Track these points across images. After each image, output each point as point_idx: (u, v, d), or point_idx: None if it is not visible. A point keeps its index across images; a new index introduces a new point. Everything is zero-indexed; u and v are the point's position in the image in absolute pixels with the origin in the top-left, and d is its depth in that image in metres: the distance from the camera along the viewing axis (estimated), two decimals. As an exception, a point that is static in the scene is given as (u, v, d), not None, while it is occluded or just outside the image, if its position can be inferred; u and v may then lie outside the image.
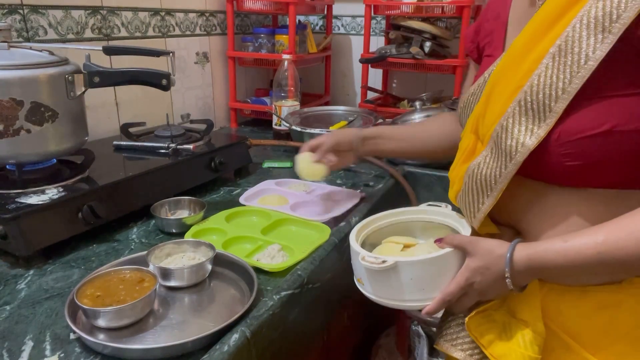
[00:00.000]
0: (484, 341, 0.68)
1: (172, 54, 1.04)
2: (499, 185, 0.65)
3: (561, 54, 0.58)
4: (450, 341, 0.74)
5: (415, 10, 1.63)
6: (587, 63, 0.56)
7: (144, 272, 0.73)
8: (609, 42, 0.55)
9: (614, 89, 0.57)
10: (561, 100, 0.58)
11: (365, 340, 1.36)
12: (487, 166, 0.67)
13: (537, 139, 0.60)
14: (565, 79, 0.58)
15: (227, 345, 0.62)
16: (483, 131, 0.69)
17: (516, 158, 0.62)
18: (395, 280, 0.69)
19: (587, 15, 0.57)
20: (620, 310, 0.62)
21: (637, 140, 0.57)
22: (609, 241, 0.55)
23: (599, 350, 0.63)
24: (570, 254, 0.58)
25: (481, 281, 0.65)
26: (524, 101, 0.61)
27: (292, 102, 1.61)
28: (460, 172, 0.74)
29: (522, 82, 0.62)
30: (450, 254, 0.68)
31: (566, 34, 0.58)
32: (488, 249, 0.65)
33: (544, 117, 0.60)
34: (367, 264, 0.69)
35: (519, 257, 0.62)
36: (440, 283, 0.68)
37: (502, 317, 0.68)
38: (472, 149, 0.73)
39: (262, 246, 0.89)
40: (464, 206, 0.73)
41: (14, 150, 0.89)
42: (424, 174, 1.36)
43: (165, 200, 1.01)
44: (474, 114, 0.72)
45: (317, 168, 0.99)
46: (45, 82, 0.88)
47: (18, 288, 0.76)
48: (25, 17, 1.14)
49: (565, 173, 0.61)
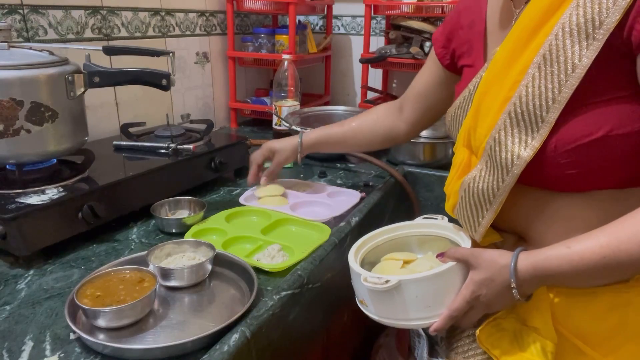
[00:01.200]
0: (496, 352, 0.67)
1: (172, 54, 1.04)
2: (498, 198, 0.65)
3: (547, 64, 0.58)
4: (462, 354, 0.73)
5: (415, 10, 1.63)
6: (575, 71, 0.56)
7: (144, 272, 0.73)
8: (594, 48, 0.55)
9: (604, 94, 0.57)
10: (552, 110, 0.58)
11: (365, 340, 1.36)
12: (483, 180, 0.67)
13: (532, 150, 0.60)
14: (555, 88, 0.58)
15: (227, 345, 0.62)
16: (476, 144, 0.68)
17: (513, 171, 0.62)
18: (399, 300, 0.67)
19: (568, 22, 0.56)
20: (630, 309, 0.62)
21: (632, 142, 0.57)
22: (612, 244, 0.55)
23: (610, 351, 0.63)
24: (574, 259, 0.57)
25: (487, 293, 0.64)
26: (514, 112, 0.61)
27: (292, 102, 1.60)
28: (456, 186, 0.73)
29: (510, 94, 0.62)
30: (454, 268, 0.67)
31: (549, 43, 0.58)
32: (491, 260, 0.64)
33: (536, 127, 0.59)
34: (370, 285, 0.67)
35: (523, 265, 0.61)
36: (445, 298, 0.67)
37: (512, 325, 0.67)
38: (467, 163, 0.72)
39: (262, 246, 0.89)
40: (464, 220, 0.72)
41: (14, 150, 0.88)
42: (424, 174, 1.36)
43: (165, 200, 1.01)
44: (464, 127, 0.71)
45: (276, 190, 1.09)
46: (45, 82, 0.88)
47: (18, 288, 0.76)
48: (25, 17, 1.14)
49: (566, 180, 0.61)
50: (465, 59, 0.79)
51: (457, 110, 0.75)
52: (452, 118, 0.77)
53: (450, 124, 0.78)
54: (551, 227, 0.65)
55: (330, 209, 1.05)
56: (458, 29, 0.80)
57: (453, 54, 0.83)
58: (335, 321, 1.06)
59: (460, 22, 0.80)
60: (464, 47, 0.79)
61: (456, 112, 0.75)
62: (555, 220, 0.64)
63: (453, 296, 0.67)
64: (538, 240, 0.66)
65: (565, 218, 0.63)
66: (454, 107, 0.76)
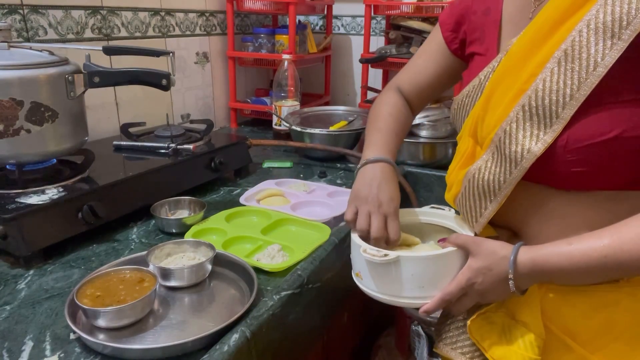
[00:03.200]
0: (485, 344, 0.68)
1: (172, 54, 1.04)
2: (504, 190, 0.65)
3: (567, 59, 0.58)
4: (450, 344, 0.74)
5: (415, 10, 1.63)
6: (596, 69, 0.56)
7: (144, 272, 0.73)
8: (618, 48, 0.54)
9: (621, 94, 0.57)
10: (569, 107, 0.57)
11: (365, 340, 1.36)
12: (489, 171, 0.66)
13: (543, 145, 0.59)
14: (573, 85, 0.57)
15: (227, 345, 0.62)
16: (482, 135, 0.68)
17: (522, 164, 0.61)
18: (395, 275, 0.68)
19: (594, 20, 0.56)
20: (618, 309, 0.62)
21: None
22: (614, 244, 0.55)
23: (598, 349, 0.63)
24: (575, 256, 0.57)
25: (482, 282, 0.64)
26: (528, 106, 0.60)
27: (292, 102, 1.61)
28: (459, 175, 0.73)
29: (525, 86, 0.61)
30: (453, 253, 0.68)
31: (572, 38, 0.57)
32: (492, 250, 0.64)
33: (550, 123, 0.59)
34: (368, 256, 0.68)
35: (523, 259, 0.61)
36: (440, 282, 0.68)
37: (501, 319, 0.68)
38: (471, 153, 0.72)
39: (262, 246, 0.89)
40: (465, 210, 0.72)
41: (14, 150, 0.88)
42: (424, 174, 1.36)
43: (165, 200, 1.01)
44: (472, 116, 0.71)
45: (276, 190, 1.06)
46: (45, 82, 0.88)
47: (18, 288, 0.76)
48: (25, 17, 1.14)
49: (570, 178, 0.61)
50: (477, 46, 0.77)
51: (464, 99, 0.74)
52: (459, 106, 0.75)
53: (456, 112, 0.77)
54: (547, 225, 0.65)
55: (330, 209, 1.05)
56: (470, 13, 0.78)
57: (463, 38, 0.81)
58: (335, 321, 1.06)
59: (474, 7, 0.78)
60: (476, 33, 0.77)
61: (464, 101, 0.74)
62: (552, 218, 0.64)
63: (448, 280, 0.67)
64: (532, 237, 0.67)
65: (561, 216, 0.64)
66: (462, 95, 0.75)
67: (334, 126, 1.49)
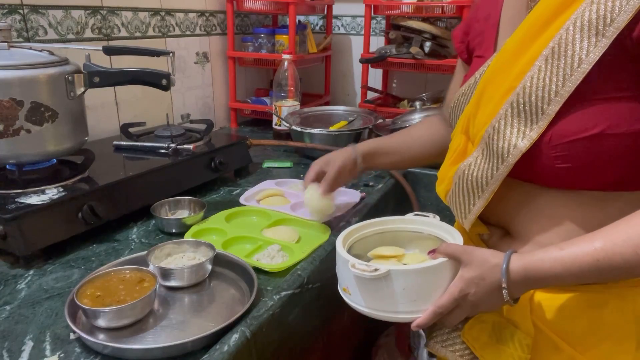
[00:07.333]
0: (475, 343, 0.67)
1: (172, 54, 1.04)
2: (491, 187, 0.65)
3: (554, 57, 0.58)
4: (440, 342, 0.73)
5: (415, 10, 1.63)
6: (581, 66, 0.56)
7: (144, 272, 0.73)
8: (602, 45, 0.55)
9: (605, 92, 0.57)
10: (554, 103, 0.58)
11: (365, 340, 1.36)
12: (478, 167, 0.67)
13: (529, 141, 0.60)
14: (559, 81, 0.58)
15: (227, 345, 0.62)
16: (474, 132, 0.69)
17: (508, 160, 0.62)
18: (386, 290, 0.65)
19: (580, 18, 0.57)
20: (607, 309, 0.62)
21: (626, 142, 0.57)
22: (607, 247, 0.54)
23: (587, 349, 0.63)
24: (567, 261, 0.57)
25: (476, 292, 0.63)
26: (516, 103, 0.61)
27: (292, 102, 1.61)
28: (450, 172, 0.73)
29: (514, 84, 0.62)
30: (445, 264, 0.65)
31: (559, 37, 0.58)
32: (483, 259, 0.62)
33: (536, 119, 0.60)
34: (357, 272, 0.65)
35: (515, 267, 0.60)
36: (432, 294, 0.65)
37: (492, 318, 0.67)
38: (462, 149, 0.73)
39: (262, 246, 0.89)
40: (455, 206, 0.73)
41: (14, 150, 0.88)
42: (424, 174, 1.36)
43: (165, 200, 1.01)
44: (465, 114, 0.72)
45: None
46: (45, 82, 0.88)
47: (18, 288, 0.76)
48: (25, 17, 1.14)
49: (555, 175, 0.61)
50: (478, 50, 0.78)
51: (460, 98, 0.75)
52: (455, 105, 0.77)
53: (452, 111, 0.78)
54: (536, 223, 0.65)
55: (330, 209, 1.05)
56: (474, 22, 0.80)
57: (468, 47, 0.83)
58: (335, 321, 1.06)
59: (477, 16, 0.80)
60: (478, 38, 0.78)
61: (459, 99, 0.75)
62: (540, 217, 0.64)
63: (440, 293, 0.65)
64: (523, 235, 0.67)
65: (549, 216, 0.64)
66: (458, 94, 0.76)
67: (334, 126, 1.49)
